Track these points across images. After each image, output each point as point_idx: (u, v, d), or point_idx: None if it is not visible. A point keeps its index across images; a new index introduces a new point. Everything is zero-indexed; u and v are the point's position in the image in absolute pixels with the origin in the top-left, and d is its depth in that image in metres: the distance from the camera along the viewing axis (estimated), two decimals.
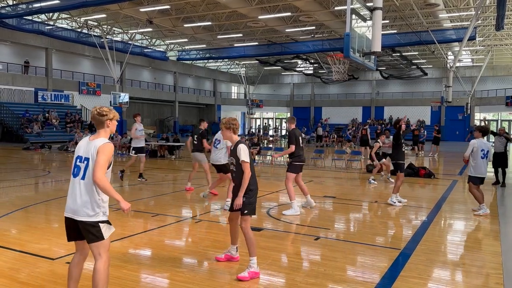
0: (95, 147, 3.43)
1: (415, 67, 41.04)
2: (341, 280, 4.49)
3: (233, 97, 57.61)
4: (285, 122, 56.99)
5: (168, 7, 27.36)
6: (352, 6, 9.79)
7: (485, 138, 8.17)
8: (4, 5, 27.40)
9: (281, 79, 56.26)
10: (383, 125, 43.56)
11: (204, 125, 10.04)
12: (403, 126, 8.96)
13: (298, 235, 6.31)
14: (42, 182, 12.14)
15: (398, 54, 34.95)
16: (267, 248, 5.54)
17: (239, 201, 4.58)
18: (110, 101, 33.16)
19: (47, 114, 31.72)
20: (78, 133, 24.63)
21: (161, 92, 45.72)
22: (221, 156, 8.26)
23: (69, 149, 22.66)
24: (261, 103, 53.37)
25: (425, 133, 24.89)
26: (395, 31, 30.68)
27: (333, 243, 5.94)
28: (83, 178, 3.40)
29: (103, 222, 3.42)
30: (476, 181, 7.87)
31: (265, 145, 27.20)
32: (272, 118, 59.44)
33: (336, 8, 26.05)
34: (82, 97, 36.19)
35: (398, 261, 5.13)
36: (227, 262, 4.97)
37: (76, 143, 22.52)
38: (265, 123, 57.89)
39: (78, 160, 3.48)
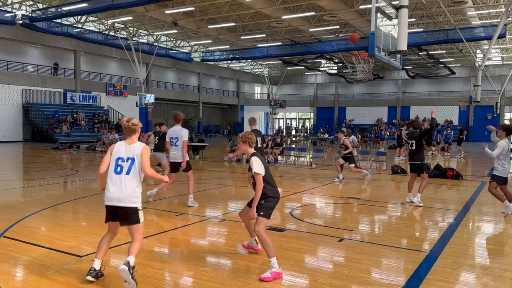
0: (138, 149, 4.29)
1: (442, 66, 40.13)
2: (366, 283, 4.43)
3: (256, 98, 57.71)
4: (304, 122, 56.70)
5: (192, 8, 27.65)
6: (377, 5, 9.67)
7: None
8: (35, 8, 28.26)
9: (305, 79, 55.97)
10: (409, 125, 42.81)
11: (163, 128, 11.47)
12: (426, 125, 8.80)
13: (321, 236, 6.26)
14: (71, 181, 12.46)
15: (425, 52, 34.22)
16: (290, 249, 5.52)
17: (253, 212, 4.66)
18: (136, 102, 33.78)
19: (75, 115, 32.54)
20: (105, 133, 25.14)
21: (186, 93, 46.24)
22: (180, 154, 8.08)
23: (96, 149, 23.16)
24: (284, 103, 53.25)
25: (452, 133, 24.26)
26: (422, 29, 30.11)
27: (357, 244, 5.87)
28: (127, 173, 4.23)
29: (140, 209, 4.29)
30: (500, 180, 7.67)
31: (288, 145, 27.13)
32: (296, 119, 59.23)
33: (360, 6, 25.77)
34: (109, 98, 36.96)
35: (424, 264, 5.03)
36: (249, 262, 4.98)
37: (103, 143, 23.11)
38: (288, 124, 57.75)
39: (120, 160, 4.28)
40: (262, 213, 4.66)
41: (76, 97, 34.28)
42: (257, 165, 4.63)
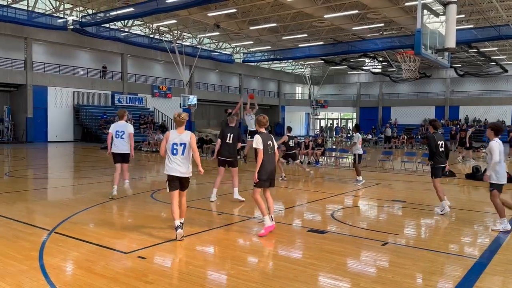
0: (189, 136, 5.90)
1: (493, 63, 38.24)
2: None
3: (297, 98, 57.42)
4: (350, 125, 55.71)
5: (234, 10, 27.92)
6: (423, 1, 9.37)
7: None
8: (85, 14, 29.55)
9: (347, 78, 55.05)
10: (458, 126, 41.16)
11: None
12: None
13: (364, 240, 6.12)
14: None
15: (475, 50, 32.75)
16: (331, 251, 5.44)
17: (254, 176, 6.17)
18: (180, 103, 34.52)
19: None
20: (150, 134, 25.85)
21: (227, 94, 46.75)
22: (127, 146, 8.89)
23: (142, 148, 23.86)
24: (325, 103, 52.62)
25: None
26: (472, 25, 28.82)
27: (402, 249, 5.70)
28: (182, 154, 5.83)
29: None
30: (500, 188, 6.75)
31: (329, 146, 26.80)
32: (337, 119, 58.40)
33: (406, 4, 25.06)
34: (154, 99, 38.02)
35: (473, 271, 4.80)
36: (289, 263, 4.95)
37: (149, 143, 23.78)
38: (330, 124, 57.04)
39: (175, 145, 5.85)
40: (255, 184, 6.17)
41: (123, 99, 35.52)
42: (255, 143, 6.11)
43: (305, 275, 4.55)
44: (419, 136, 34.66)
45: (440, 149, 8.03)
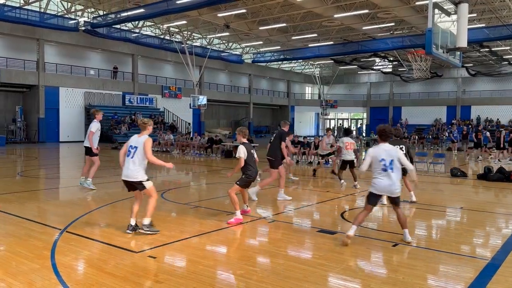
0: (144, 139, 5.92)
1: (506, 63, 37.79)
2: None
3: (306, 98, 57.28)
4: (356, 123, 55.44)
5: (244, 11, 27.95)
6: (434, 0, 9.28)
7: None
8: (96, 15, 29.82)
9: (357, 78, 54.75)
10: (470, 126, 40.69)
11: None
12: None
13: (374, 240, 6.08)
14: None
15: (487, 49, 32.38)
16: (342, 252, 5.41)
17: (229, 174, 7.35)
18: (190, 104, 34.68)
19: (133, 116, 33.92)
20: (160, 134, 25.99)
21: (237, 94, 46.82)
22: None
23: (152, 149, 23.98)
24: (335, 103, 52.41)
25: (488, 135, 22.64)
26: (483, 24, 28.48)
27: (413, 250, 5.65)
28: (132, 157, 5.89)
29: (146, 180, 5.98)
30: (374, 202, 5.86)
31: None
32: (348, 119, 58.12)
33: (417, 3, 24.87)
34: (165, 100, 38.23)
35: (486, 272, 4.74)
36: (299, 264, 4.95)
37: (159, 143, 23.91)
38: (340, 124, 56.79)
39: (130, 147, 5.95)
40: (238, 182, 6.85)
41: (134, 99, 35.76)
42: (239, 152, 6.75)
43: (315, 276, 4.53)
44: (430, 136, 34.35)
45: None
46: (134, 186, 6.00)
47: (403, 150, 7.28)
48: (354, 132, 44.16)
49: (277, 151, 8.84)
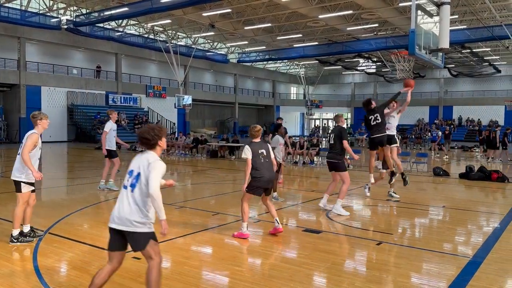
0: (26, 135, 5.48)
1: (487, 64, 38.50)
2: (405, 287, 4.31)
3: (292, 98, 57.47)
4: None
5: (229, 10, 27.90)
6: (417, 2, 9.40)
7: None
8: (79, 14, 29.41)
9: (342, 78, 55.17)
10: (452, 126, 41.36)
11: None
12: None
13: (359, 239, 6.14)
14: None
15: (468, 50, 32.95)
16: (327, 251, 5.45)
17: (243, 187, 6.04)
18: (175, 103, 34.47)
19: (117, 116, 33.52)
20: None
21: (222, 94, 46.71)
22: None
23: (137, 149, 23.73)
24: (320, 103, 52.71)
25: (440, 134, 23.05)
26: (465, 26, 29.00)
27: (396, 248, 5.72)
28: (18, 153, 5.46)
29: (22, 181, 5.41)
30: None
31: (324, 146, 26.81)
32: (332, 119, 58.50)
33: (400, 4, 25.16)
34: (149, 99, 37.91)
35: (467, 270, 4.83)
36: (284, 263, 4.96)
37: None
38: (325, 124, 57.13)
39: (21, 144, 5.46)
40: (247, 189, 5.99)
41: (117, 99, 35.36)
42: (244, 153, 6.00)
43: (300, 275, 4.56)
44: (413, 136, 34.82)
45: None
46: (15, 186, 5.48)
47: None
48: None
49: (339, 151, 7.59)
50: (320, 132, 47.58)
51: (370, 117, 8.54)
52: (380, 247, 5.70)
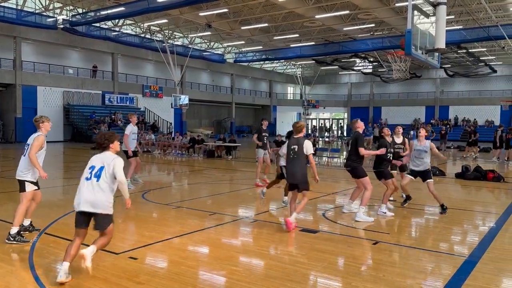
0: (32, 137, 5.63)
1: (483, 64, 38.63)
2: (401, 287, 4.32)
3: (289, 98, 57.51)
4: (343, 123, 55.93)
5: (226, 10, 27.88)
6: (413, 2, 9.41)
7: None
8: (75, 13, 29.31)
9: (338, 78, 55.27)
10: (448, 126, 41.52)
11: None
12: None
13: (356, 239, 6.16)
14: None
15: (464, 50, 33.07)
16: (323, 251, 5.46)
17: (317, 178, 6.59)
18: (171, 103, 34.40)
19: (113, 116, 33.47)
20: (141, 134, 25.70)
21: (219, 94, 46.67)
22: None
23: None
24: (317, 103, 52.79)
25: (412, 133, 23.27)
26: (461, 26, 29.11)
27: (393, 248, 5.74)
28: (24, 155, 5.65)
29: (27, 181, 5.66)
30: None
31: (321, 146, 26.89)
32: (329, 119, 58.60)
33: (396, 4, 25.23)
34: (146, 99, 37.82)
35: (463, 269, 4.85)
36: (281, 263, 4.97)
37: (140, 143, 23.57)
38: (321, 124, 57.23)
39: (26, 145, 5.65)
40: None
41: (113, 99, 35.27)
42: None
43: (297, 275, 4.56)
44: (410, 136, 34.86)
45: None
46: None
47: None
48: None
49: (355, 158, 7.31)
50: (317, 132, 47.59)
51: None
52: (377, 246, 5.72)
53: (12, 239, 5.41)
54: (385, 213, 7.55)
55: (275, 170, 13.27)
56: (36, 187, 5.79)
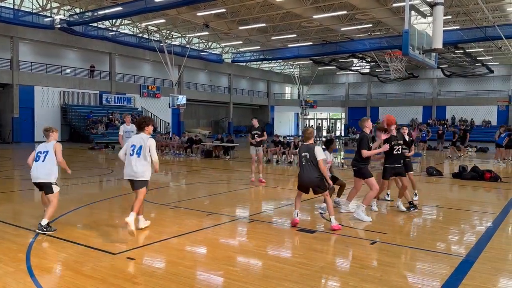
0: (52, 144, 6.23)
1: (480, 64, 38.76)
2: (399, 287, 4.33)
3: (286, 98, 57.55)
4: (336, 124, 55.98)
5: (223, 10, 27.89)
6: (411, 2, 9.46)
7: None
8: (72, 13, 29.25)
9: (336, 78, 55.34)
10: (445, 126, 41.63)
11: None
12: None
13: (353, 239, 6.16)
14: (106, 180, 12.80)
15: (461, 51, 33.17)
16: (321, 250, 5.47)
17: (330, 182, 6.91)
18: (169, 103, 34.37)
19: (110, 116, 33.42)
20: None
21: (216, 94, 46.66)
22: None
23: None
24: (315, 103, 52.85)
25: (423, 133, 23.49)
26: (458, 26, 29.19)
27: (390, 248, 5.75)
28: (43, 161, 6.12)
29: (53, 183, 6.19)
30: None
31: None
32: (326, 119, 58.66)
33: (394, 5, 25.29)
34: (143, 99, 37.79)
35: (460, 269, 4.86)
36: (279, 263, 4.97)
37: None
38: (319, 124, 57.29)
39: (39, 152, 6.19)
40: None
41: (111, 99, 35.22)
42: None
43: (295, 274, 4.56)
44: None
45: None
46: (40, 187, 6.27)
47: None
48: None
49: (358, 158, 7.33)
50: (315, 132, 47.55)
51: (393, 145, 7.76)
52: (374, 246, 5.73)
53: (45, 229, 5.89)
54: (409, 209, 7.81)
55: (269, 167, 13.30)
56: (58, 188, 6.41)
